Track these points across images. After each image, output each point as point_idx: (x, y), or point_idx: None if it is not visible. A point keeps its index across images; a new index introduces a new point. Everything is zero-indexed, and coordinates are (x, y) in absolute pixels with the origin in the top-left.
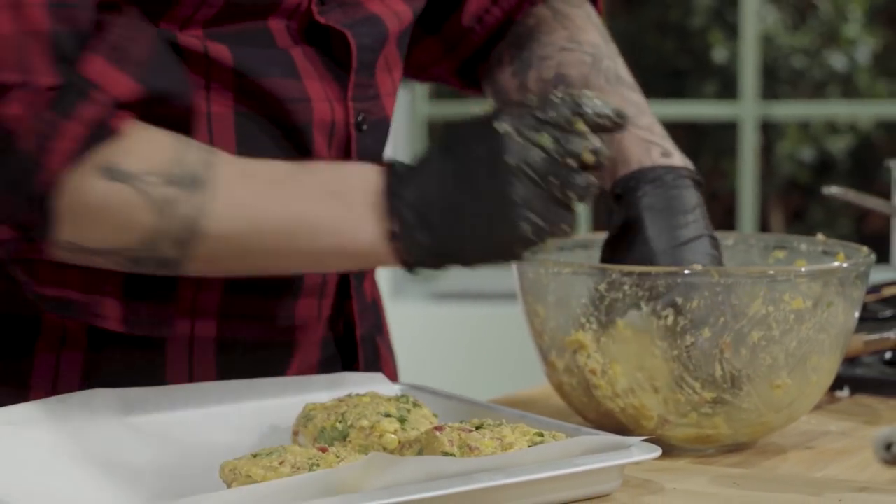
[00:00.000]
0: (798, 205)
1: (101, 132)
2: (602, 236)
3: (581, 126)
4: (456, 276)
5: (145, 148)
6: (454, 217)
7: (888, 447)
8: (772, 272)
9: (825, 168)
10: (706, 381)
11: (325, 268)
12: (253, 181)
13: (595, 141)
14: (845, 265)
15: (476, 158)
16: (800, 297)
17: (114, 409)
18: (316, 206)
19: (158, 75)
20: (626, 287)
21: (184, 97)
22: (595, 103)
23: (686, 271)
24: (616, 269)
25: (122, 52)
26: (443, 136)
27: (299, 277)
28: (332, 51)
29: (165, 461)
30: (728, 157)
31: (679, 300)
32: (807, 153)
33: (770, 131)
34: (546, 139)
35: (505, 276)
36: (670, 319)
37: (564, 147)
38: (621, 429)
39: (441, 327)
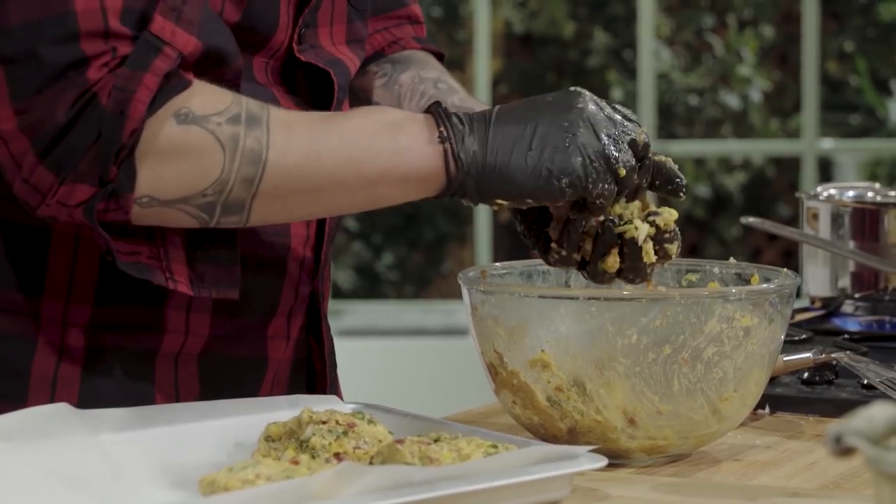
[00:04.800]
0: (694, 240)
1: (175, 82)
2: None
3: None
4: (359, 314)
5: (208, 95)
6: (509, 135)
7: (838, 440)
8: (731, 290)
9: (720, 203)
10: (664, 395)
11: (383, 194)
12: (307, 118)
13: (646, 135)
14: (785, 283)
15: (547, 102)
16: (748, 315)
17: (83, 427)
18: (369, 134)
19: (212, 34)
20: (592, 309)
21: (235, 57)
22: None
23: (649, 294)
24: (582, 294)
25: (179, 13)
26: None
27: (274, 299)
28: (296, 88)
29: (136, 477)
30: None
31: (643, 319)
32: (702, 189)
33: None
34: (612, 112)
35: (404, 313)
36: (634, 338)
37: (625, 123)
38: (584, 442)
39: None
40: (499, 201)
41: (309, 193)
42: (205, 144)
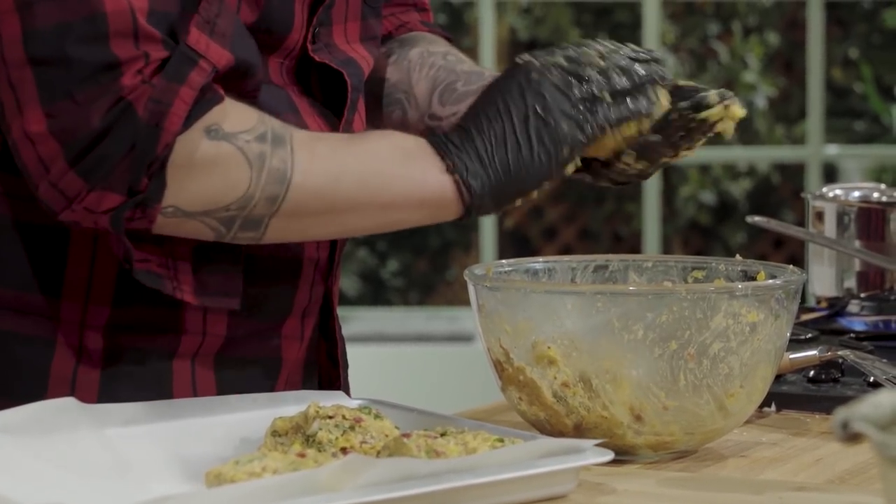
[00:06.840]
0: (699, 246)
1: (209, 97)
2: (577, 259)
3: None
4: (365, 321)
5: (237, 111)
6: (497, 141)
7: (845, 426)
8: (737, 286)
9: (725, 210)
10: (670, 391)
11: (397, 219)
12: (325, 140)
13: (602, 52)
14: (791, 279)
15: (505, 89)
16: (754, 311)
17: (90, 421)
18: (383, 159)
19: (242, 47)
20: (598, 304)
21: (258, 68)
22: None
23: (656, 290)
24: (590, 289)
25: (213, 26)
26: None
27: (289, 300)
28: (311, 89)
29: (142, 470)
30: (632, 200)
31: (649, 315)
32: (707, 196)
33: (672, 175)
34: (559, 58)
35: (409, 319)
36: (640, 333)
37: (575, 59)
38: (590, 438)
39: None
40: (517, 203)
41: (327, 214)
42: (234, 160)
